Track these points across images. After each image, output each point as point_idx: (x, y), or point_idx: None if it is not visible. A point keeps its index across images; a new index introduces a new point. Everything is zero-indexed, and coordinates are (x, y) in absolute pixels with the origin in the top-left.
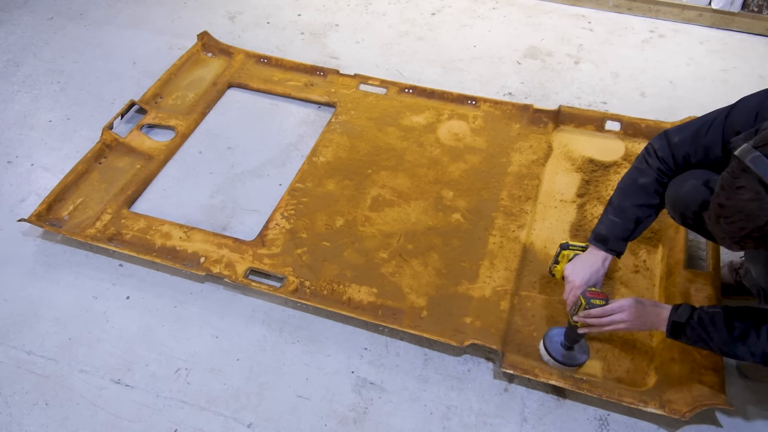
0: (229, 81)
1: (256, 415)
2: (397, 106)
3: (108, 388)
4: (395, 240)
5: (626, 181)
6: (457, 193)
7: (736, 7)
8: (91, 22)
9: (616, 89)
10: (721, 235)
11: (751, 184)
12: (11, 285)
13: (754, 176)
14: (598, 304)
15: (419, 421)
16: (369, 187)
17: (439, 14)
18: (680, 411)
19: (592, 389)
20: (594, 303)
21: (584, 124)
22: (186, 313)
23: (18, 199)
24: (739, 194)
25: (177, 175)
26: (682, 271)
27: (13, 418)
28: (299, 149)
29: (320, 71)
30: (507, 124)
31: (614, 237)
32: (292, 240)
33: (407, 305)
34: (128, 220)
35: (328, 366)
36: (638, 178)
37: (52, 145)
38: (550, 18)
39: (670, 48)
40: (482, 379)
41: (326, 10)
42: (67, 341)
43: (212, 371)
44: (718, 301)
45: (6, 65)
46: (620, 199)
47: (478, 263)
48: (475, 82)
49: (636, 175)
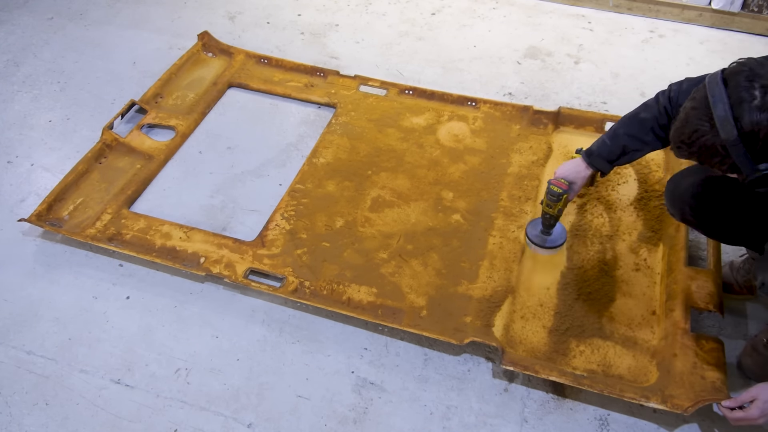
0: (229, 81)
1: (256, 415)
2: (397, 108)
3: (108, 388)
4: (395, 240)
5: (631, 113)
6: (457, 194)
7: (736, 7)
8: (91, 22)
9: (616, 89)
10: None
11: (699, 96)
12: (11, 285)
13: (704, 89)
14: (555, 191)
15: (419, 421)
16: (369, 188)
17: (439, 14)
18: (682, 406)
19: (593, 385)
20: (552, 188)
21: (584, 125)
22: (186, 313)
23: (18, 199)
24: (689, 102)
25: (177, 175)
26: (683, 268)
27: (13, 418)
28: (299, 149)
29: (320, 72)
30: (507, 126)
31: (599, 154)
32: (292, 240)
33: (407, 305)
34: (128, 220)
35: (328, 366)
36: (640, 111)
37: (52, 145)
38: (550, 18)
39: (670, 48)
40: (482, 379)
41: (326, 10)
42: (67, 341)
43: (212, 371)
44: (719, 299)
45: (6, 65)
46: (618, 125)
47: (477, 263)
48: (475, 82)
49: (640, 108)
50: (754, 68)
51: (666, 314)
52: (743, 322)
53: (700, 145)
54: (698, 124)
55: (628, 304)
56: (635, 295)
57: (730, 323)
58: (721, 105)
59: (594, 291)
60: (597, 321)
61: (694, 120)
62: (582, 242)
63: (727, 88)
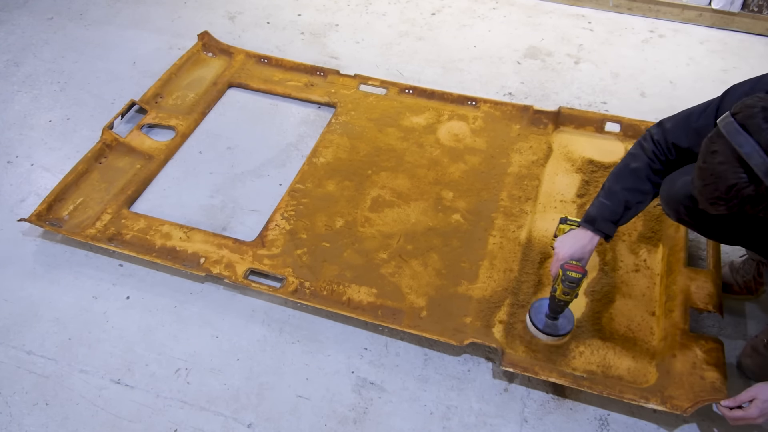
0: (229, 81)
1: (256, 415)
2: (398, 107)
3: (108, 388)
4: (395, 240)
5: (619, 166)
6: (457, 194)
7: (736, 7)
8: (91, 22)
9: (616, 89)
10: (699, 197)
11: (723, 149)
12: (11, 285)
13: (726, 141)
14: (574, 276)
15: (419, 421)
16: (369, 187)
17: (439, 14)
18: (682, 407)
19: (592, 386)
20: (570, 275)
21: (584, 125)
22: (186, 313)
23: (18, 199)
24: (713, 158)
25: (177, 175)
26: (683, 269)
27: (13, 418)
28: (299, 149)
29: (320, 71)
30: (507, 125)
31: (602, 218)
32: (292, 241)
33: (407, 305)
34: (128, 220)
35: (328, 366)
36: (630, 162)
37: (52, 145)
38: (550, 18)
39: (670, 48)
40: (482, 379)
41: (326, 10)
42: (67, 341)
43: (212, 371)
44: (719, 299)
45: (6, 65)
46: (611, 182)
47: (478, 264)
48: (475, 82)
49: (629, 159)
50: (766, 106)
51: (665, 315)
52: (743, 323)
53: (741, 198)
54: (735, 178)
55: (627, 304)
56: (635, 295)
57: (730, 323)
58: (756, 154)
59: (594, 292)
60: (596, 322)
61: (728, 174)
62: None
63: (752, 135)
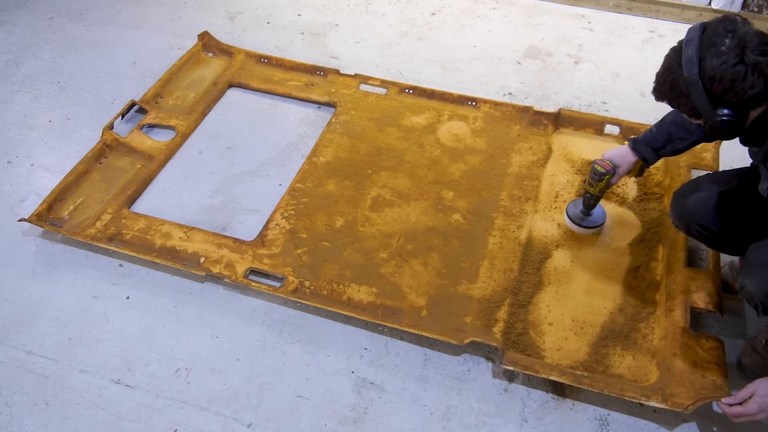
0: (229, 81)
1: (256, 415)
2: (398, 107)
3: (108, 388)
4: (395, 240)
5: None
6: (457, 194)
7: (736, 7)
8: (91, 22)
9: (616, 89)
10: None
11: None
12: (11, 285)
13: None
14: (599, 170)
15: (419, 421)
16: (369, 187)
17: (439, 14)
18: (682, 404)
19: (593, 384)
20: (596, 168)
21: (584, 127)
22: (186, 313)
23: (18, 199)
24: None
25: (177, 175)
26: (683, 269)
27: (13, 418)
28: (299, 149)
29: (320, 71)
30: (507, 126)
31: (645, 141)
32: (292, 240)
33: (407, 305)
34: (128, 220)
35: (328, 366)
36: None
37: (52, 145)
38: (550, 18)
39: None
40: (482, 379)
41: (326, 10)
42: (67, 341)
43: (212, 371)
44: (719, 299)
45: (6, 65)
46: (667, 114)
47: (478, 263)
48: (475, 82)
49: None
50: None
51: (666, 314)
52: (743, 322)
53: (669, 83)
54: (670, 63)
55: (627, 304)
56: (635, 295)
57: (730, 323)
58: (692, 46)
59: (594, 291)
60: (597, 321)
61: (668, 60)
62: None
63: (704, 33)
